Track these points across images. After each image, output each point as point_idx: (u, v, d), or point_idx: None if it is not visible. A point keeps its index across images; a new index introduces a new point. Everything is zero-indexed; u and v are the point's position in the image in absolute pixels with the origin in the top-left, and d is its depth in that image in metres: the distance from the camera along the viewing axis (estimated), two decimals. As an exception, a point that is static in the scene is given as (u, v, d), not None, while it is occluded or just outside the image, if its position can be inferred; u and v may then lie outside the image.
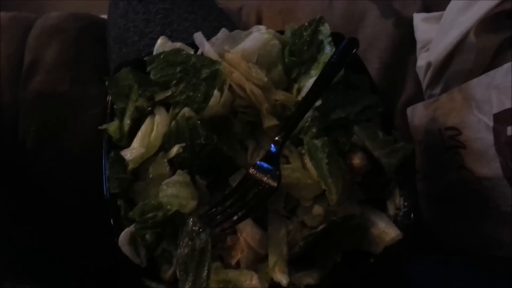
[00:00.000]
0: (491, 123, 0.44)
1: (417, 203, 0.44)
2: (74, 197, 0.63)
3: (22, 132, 0.65)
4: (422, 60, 0.61)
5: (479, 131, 0.45)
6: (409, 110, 0.59)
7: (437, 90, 0.58)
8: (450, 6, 0.56)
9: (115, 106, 0.46)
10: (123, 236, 0.40)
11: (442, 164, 0.53)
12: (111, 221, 0.41)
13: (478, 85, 0.46)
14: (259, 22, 0.75)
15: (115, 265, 0.61)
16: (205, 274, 0.39)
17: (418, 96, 0.63)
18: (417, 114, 0.57)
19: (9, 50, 0.70)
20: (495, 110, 0.43)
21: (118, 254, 0.40)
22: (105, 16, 0.74)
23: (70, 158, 0.64)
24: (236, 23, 0.74)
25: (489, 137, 0.44)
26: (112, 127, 0.45)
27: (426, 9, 0.68)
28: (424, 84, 0.61)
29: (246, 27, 0.52)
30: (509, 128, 0.42)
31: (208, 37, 0.50)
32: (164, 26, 0.61)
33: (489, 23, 0.52)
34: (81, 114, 0.66)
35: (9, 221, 0.57)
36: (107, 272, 0.61)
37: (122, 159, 0.43)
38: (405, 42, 0.66)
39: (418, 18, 0.65)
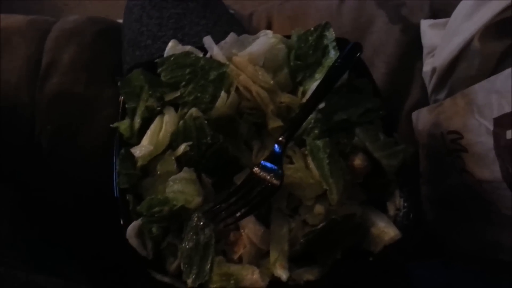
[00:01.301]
0: (491, 127, 0.45)
1: (417, 205, 0.45)
2: (86, 196, 0.65)
3: (38, 132, 0.67)
4: (427, 65, 0.62)
5: (480, 135, 0.46)
6: (414, 115, 0.60)
7: (442, 95, 0.59)
8: (456, 13, 0.57)
9: (126, 106, 0.48)
10: (131, 229, 0.41)
11: (444, 167, 0.54)
12: (120, 215, 0.43)
13: (480, 90, 0.47)
14: (269, 27, 0.76)
15: (124, 262, 0.62)
16: (208, 267, 0.40)
17: (423, 101, 0.63)
18: (422, 118, 0.58)
19: (27, 52, 0.73)
20: (495, 114, 0.44)
21: (126, 248, 0.42)
22: (120, 21, 0.77)
23: (84, 157, 0.67)
24: (247, 29, 0.76)
25: (489, 141, 0.45)
26: (123, 125, 0.47)
27: (434, 15, 0.68)
28: (429, 90, 0.62)
29: (256, 32, 0.54)
30: (508, 132, 0.43)
31: (218, 41, 0.52)
32: (176, 30, 0.63)
33: (493, 29, 0.53)
34: (95, 115, 0.68)
35: (23, 217, 0.59)
36: (116, 268, 0.63)
37: (132, 156, 0.45)
38: (412, 48, 0.67)
39: (425, 25, 0.66)
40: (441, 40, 0.60)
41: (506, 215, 0.47)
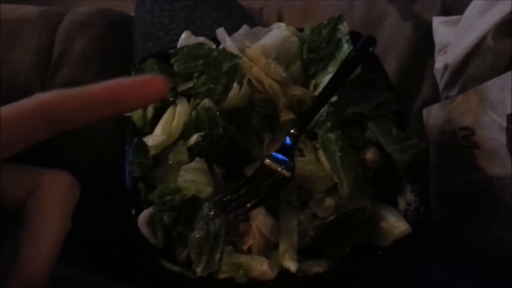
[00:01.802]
0: (504, 123, 0.44)
1: (427, 199, 0.44)
2: (95, 187, 0.65)
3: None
4: (439, 62, 0.62)
5: (492, 131, 0.46)
6: (425, 111, 0.60)
7: (454, 92, 0.58)
8: (469, 9, 0.57)
9: (139, 95, 0.48)
10: (142, 217, 0.42)
11: (454, 164, 0.54)
12: (131, 203, 0.43)
13: (493, 87, 0.47)
14: (279, 21, 0.76)
15: (132, 253, 0.63)
16: (218, 257, 0.40)
17: (434, 98, 0.63)
18: (433, 115, 0.58)
19: (39, 42, 0.73)
20: (509, 110, 0.44)
21: (136, 237, 0.42)
22: (131, 14, 0.77)
23: (92, 149, 0.67)
24: (257, 23, 0.76)
25: (502, 137, 0.45)
26: (136, 115, 0.47)
27: (445, 12, 0.68)
28: (441, 86, 0.61)
29: (267, 26, 0.54)
30: (521, 129, 0.43)
31: (230, 34, 0.52)
32: (188, 23, 0.63)
33: (506, 27, 0.53)
34: None
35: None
36: (125, 260, 0.63)
37: (144, 145, 0.45)
38: (423, 45, 0.67)
39: (437, 21, 0.66)
40: (453, 37, 0.60)
41: (516, 213, 0.47)
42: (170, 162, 0.45)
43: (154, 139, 0.45)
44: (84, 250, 0.61)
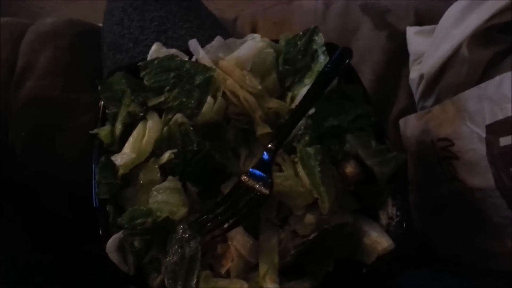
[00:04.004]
0: (483, 134, 0.44)
1: (409, 213, 0.43)
2: (63, 204, 0.62)
3: (12, 138, 0.64)
4: (414, 72, 0.62)
5: (471, 142, 0.46)
6: (401, 122, 0.59)
7: (430, 102, 0.58)
8: (443, 20, 0.57)
9: (107, 111, 0.46)
10: (111, 243, 0.39)
11: (434, 175, 0.53)
12: (99, 227, 0.40)
13: (471, 97, 0.47)
14: (253, 32, 0.75)
15: (104, 273, 0.59)
16: (194, 282, 0.38)
17: (410, 108, 0.63)
18: (410, 125, 0.57)
19: (2, 55, 0.70)
20: (488, 121, 0.44)
21: (106, 261, 0.40)
22: (99, 24, 0.74)
23: (60, 165, 0.64)
24: (231, 33, 0.75)
25: (481, 148, 0.44)
26: (103, 132, 0.45)
27: (419, 23, 0.69)
28: (416, 96, 0.61)
29: (241, 37, 0.52)
30: (501, 139, 0.42)
31: (203, 45, 0.50)
32: (159, 34, 0.61)
33: (480, 37, 0.53)
34: (72, 121, 0.65)
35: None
36: (96, 280, 0.60)
37: (113, 164, 0.42)
38: (398, 55, 0.67)
39: (411, 32, 0.66)
40: (428, 47, 0.60)
41: (498, 224, 0.46)
42: (141, 181, 0.42)
43: (123, 158, 0.42)
44: (59, 267, 0.57)
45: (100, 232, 0.40)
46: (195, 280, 0.38)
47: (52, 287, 0.52)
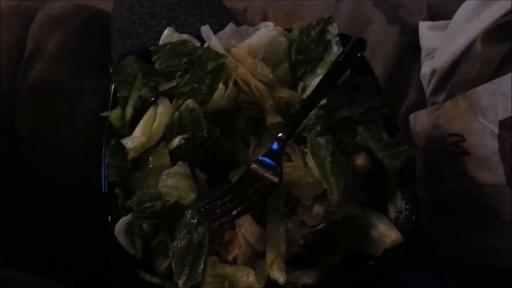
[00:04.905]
0: (496, 130, 0.44)
1: (419, 207, 0.43)
2: (65, 201, 0.62)
3: (19, 121, 0.64)
4: (426, 67, 0.61)
5: (483, 137, 0.45)
6: (411, 117, 0.59)
7: (441, 97, 0.58)
8: (457, 15, 0.57)
9: (118, 94, 0.46)
10: (120, 225, 0.39)
11: (443, 171, 0.53)
12: (108, 209, 0.40)
13: (484, 92, 0.46)
14: (264, 23, 0.75)
15: (104, 271, 0.59)
16: (201, 268, 0.38)
17: (420, 103, 0.63)
18: (420, 120, 0.57)
19: (10, 38, 0.70)
20: (501, 116, 0.43)
21: (112, 246, 0.39)
22: (108, 10, 0.74)
23: (65, 149, 0.64)
24: (241, 23, 0.74)
25: (493, 144, 0.44)
26: (114, 115, 0.44)
27: (432, 17, 0.68)
28: (427, 92, 0.61)
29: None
30: (514, 135, 0.42)
31: (215, 32, 0.49)
32: (170, 20, 0.61)
33: (495, 33, 0.53)
34: (79, 106, 0.65)
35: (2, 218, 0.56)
36: (96, 278, 0.60)
37: (123, 148, 0.42)
38: (409, 50, 0.67)
39: (424, 26, 0.65)
40: (441, 42, 0.59)
41: (506, 221, 0.46)
42: (151, 166, 0.42)
43: (133, 141, 0.42)
44: (54, 266, 0.57)
45: (109, 215, 0.40)
46: (202, 265, 0.38)
47: (50, 285, 0.52)
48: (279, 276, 0.39)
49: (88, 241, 0.56)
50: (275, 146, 0.43)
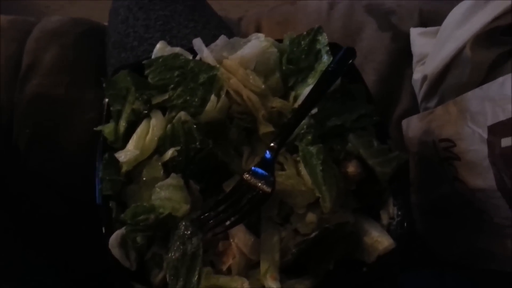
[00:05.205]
0: (485, 135, 0.44)
1: (411, 213, 0.44)
2: (66, 203, 0.62)
3: (16, 135, 0.65)
4: (418, 73, 0.62)
5: (473, 142, 0.46)
6: (404, 122, 0.59)
7: (433, 103, 0.58)
8: (447, 20, 0.57)
9: (111, 108, 0.46)
10: (114, 238, 0.39)
11: (436, 176, 0.53)
12: (102, 223, 0.41)
13: (473, 98, 0.47)
14: (258, 32, 0.75)
15: (105, 271, 0.60)
16: (195, 279, 0.38)
17: (413, 109, 0.63)
18: (412, 126, 0.57)
19: (7, 52, 0.70)
20: (490, 122, 0.44)
21: (108, 258, 0.40)
22: (105, 23, 0.75)
23: (63, 162, 0.64)
24: (235, 33, 0.75)
25: (483, 149, 0.44)
26: (107, 129, 0.45)
27: (423, 24, 0.69)
28: (419, 97, 0.61)
29: (245, 37, 0.53)
30: (503, 140, 0.42)
31: (207, 44, 0.50)
32: (164, 33, 0.62)
33: (484, 38, 0.53)
34: (76, 118, 0.66)
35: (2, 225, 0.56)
36: (97, 278, 0.60)
37: (116, 161, 0.43)
38: (401, 56, 0.67)
39: (415, 33, 0.66)
40: (432, 48, 0.60)
41: (499, 224, 0.46)
42: (144, 178, 0.43)
43: (126, 155, 0.43)
44: (54, 267, 0.58)
45: (103, 228, 0.40)
46: (197, 276, 0.38)
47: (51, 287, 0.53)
48: (273, 285, 0.40)
49: (88, 241, 0.57)
50: (267, 155, 0.43)
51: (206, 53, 0.48)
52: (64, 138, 0.65)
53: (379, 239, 0.42)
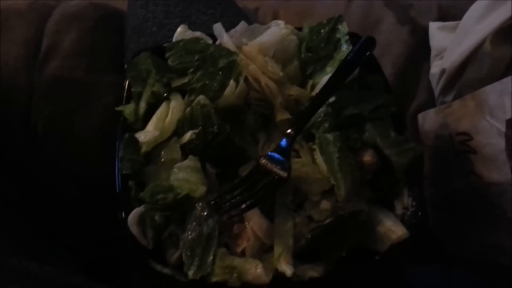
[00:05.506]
0: (503, 129, 0.44)
1: (425, 204, 0.44)
2: (82, 184, 0.63)
3: (34, 116, 0.66)
4: (436, 67, 0.62)
5: (491, 136, 0.46)
6: (420, 116, 0.59)
7: (450, 97, 0.58)
8: (467, 15, 0.57)
9: (132, 90, 0.47)
10: (132, 216, 0.40)
11: (451, 170, 0.53)
12: (121, 201, 0.42)
13: (492, 92, 0.47)
14: (275, 22, 0.75)
15: (117, 256, 0.61)
16: (210, 259, 0.39)
17: (429, 103, 0.63)
18: (428, 120, 0.57)
19: (27, 35, 0.71)
20: (508, 116, 0.44)
21: (125, 237, 0.41)
22: (123, 9, 0.75)
23: (79, 145, 0.65)
24: (253, 22, 0.75)
25: (500, 143, 0.44)
26: (128, 109, 0.46)
27: (442, 18, 0.68)
28: (436, 91, 0.61)
29: (263, 25, 0.53)
30: (521, 134, 0.42)
31: (227, 31, 0.50)
32: (183, 19, 0.62)
33: (504, 33, 0.53)
34: (93, 102, 0.67)
35: (12, 207, 0.57)
36: (108, 262, 0.61)
37: (136, 142, 0.44)
38: (419, 50, 0.67)
39: (434, 27, 0.65)
40: (450, 42, 0.59)
41: (512, 219, 0.46)
42: (163, 159, 0.43)
43: (146, 135, 0.43)
44: (67, 250, 0.59)
45: (122, 206, 0.41)
46: (212, 257, 0.39)
47: (60, 274, 0.54)
48: (287, 269, 0.40)
49: (101, 226, 0.57)
50: (283, 142, 0.44)
51: (226, 39, 0.49)
52: (81, 120, 0.66)
53: (393, 228, 0.42)
